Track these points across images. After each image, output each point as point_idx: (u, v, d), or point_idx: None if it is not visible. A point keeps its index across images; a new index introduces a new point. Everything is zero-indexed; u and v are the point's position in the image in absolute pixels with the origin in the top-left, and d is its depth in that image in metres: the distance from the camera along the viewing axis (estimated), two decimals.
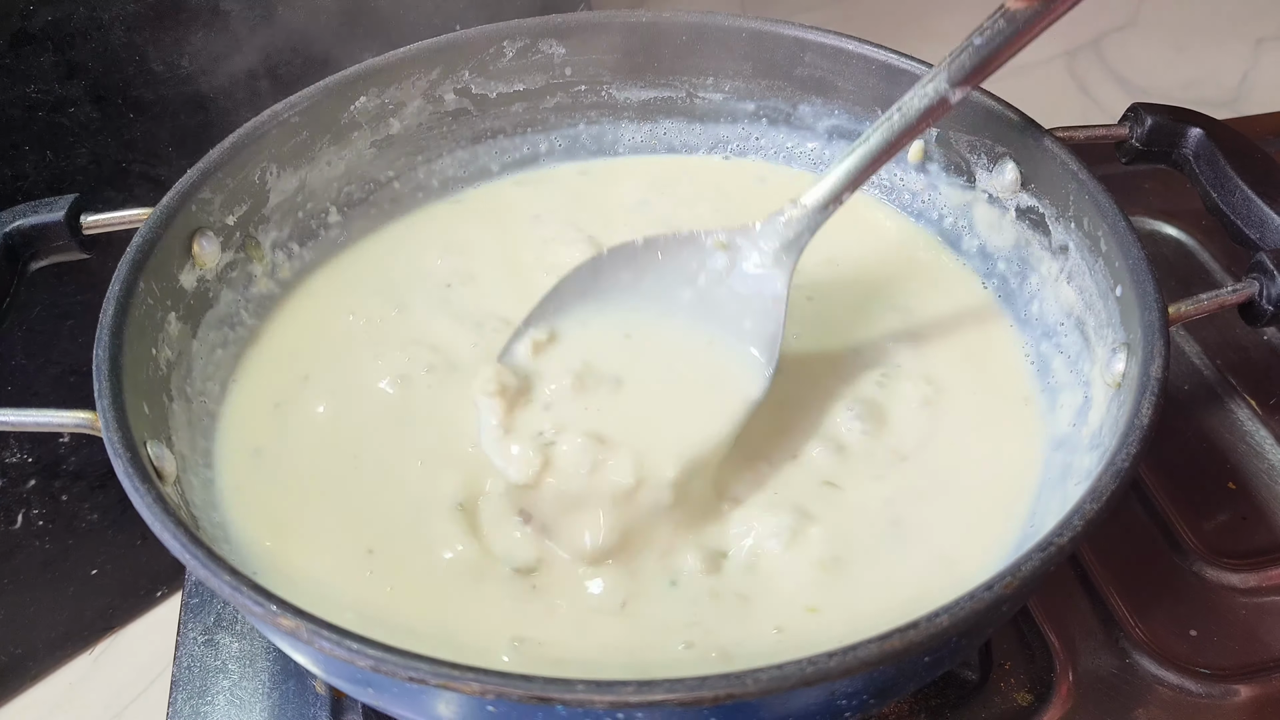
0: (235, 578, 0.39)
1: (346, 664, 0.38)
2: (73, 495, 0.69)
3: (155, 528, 0.41)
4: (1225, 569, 0.63)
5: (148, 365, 0.51)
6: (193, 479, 0.51)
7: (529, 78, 0.70)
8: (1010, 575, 0.39)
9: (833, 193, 0.54)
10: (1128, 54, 1.11)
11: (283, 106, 0.61)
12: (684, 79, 0.71)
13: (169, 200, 0.55)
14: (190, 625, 0.59)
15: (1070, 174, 0.57)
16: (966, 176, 0.66)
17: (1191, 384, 0.73)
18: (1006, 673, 0.57)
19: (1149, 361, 0.47)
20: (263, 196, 0.62)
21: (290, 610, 0.38)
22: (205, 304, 0.58)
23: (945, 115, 0.53)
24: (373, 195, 0.68)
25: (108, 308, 0.49)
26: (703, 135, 0.73)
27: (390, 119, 0.67)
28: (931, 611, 0.38)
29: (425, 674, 0.37)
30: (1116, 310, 0.53)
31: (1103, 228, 0.55)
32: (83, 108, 0.66)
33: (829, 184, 0.55)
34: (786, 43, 0.68)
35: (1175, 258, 0.82)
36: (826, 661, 0.36)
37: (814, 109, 0.70)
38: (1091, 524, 0.41)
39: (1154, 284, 0.51)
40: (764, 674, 0.36)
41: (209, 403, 0.56)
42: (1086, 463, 0.51)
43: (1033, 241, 0.62)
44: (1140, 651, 0.59)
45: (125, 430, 0.45)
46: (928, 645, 0.37)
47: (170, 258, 0.55)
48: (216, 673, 0.57)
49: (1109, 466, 0.43)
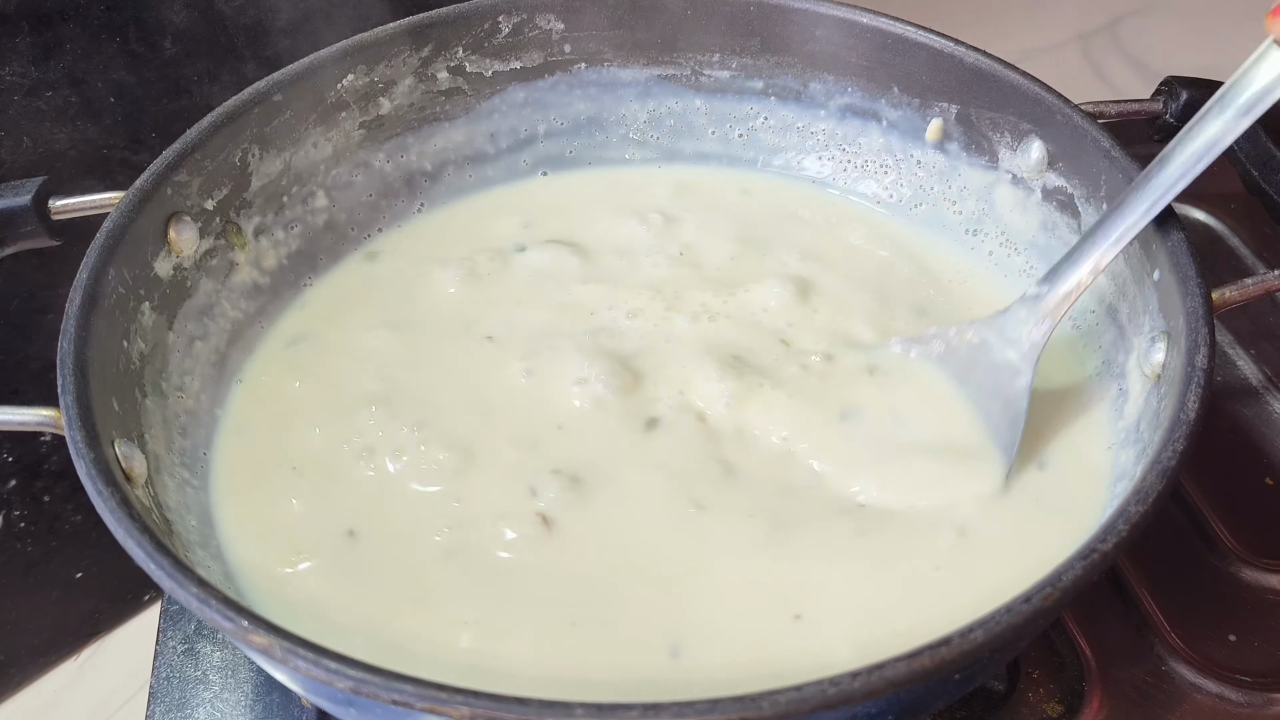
0: (203, 589, 0.36)
1: (325, 685, 0.35)
2: (55, 496, 0.67)
3: (118, 533, 0.38)
4: (1265, 570, 0.60)
5: (118, 359, 0.49)
6: (167, 480, 0.48)
7: (526, 55, 0.67)
8: (1050, 586, 0.35)
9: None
10: (1144, 37, 1.09)
11: (265, 84, 0.58)
12: (689, 55, 0.68)
13: (142, 183, 0.52)
14: (169, 633, 0.56)
15: (1102, 151, 0.54)
16: (989, 156, 0.62)
17: (1225, 375, 0.70)
18: (1035, 682, 0.55)
19: (1193, 351, 0.44)
20: (244, 180, 0.59)
21: (263, 626, 0.35)
22: (182, 294, 0.55)
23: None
24: (362, 178, 0.65)
25: (74, 297, 0.46)
26: (708, 115, 0.70)
27: (380, 98, 0.64)
28: (965, 626, 0.34)
29: (410, 696, 0.34)
30: (1154, 296, 0.50)
31: None
32: (60, 91, 0.63)
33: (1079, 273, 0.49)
34: (797, 16, 0.65)
35: (1203, 243, 0.79)
36: (850, 682, 0.33)
37: (825, 86, 0.67)
38: (1137, 528, 0.37)
39: (1195, 268, 0.47)
40: (781, 696, 0.33)
41: (186, 399, 0.53)
42: (1123, 459, 0.48)
43: (1060, 224, 0.59)
44: (1176, 658, 0.56)
45: (90, 428, 0.42)
46: (960, 663, 0.34)
47: (144, 244, 0.52)
48: (197, 684, 0.54)
49: (1154, 464, 0.40)
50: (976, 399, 0.52)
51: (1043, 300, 0.50)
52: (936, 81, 0.63)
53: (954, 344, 0.53)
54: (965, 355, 0.52)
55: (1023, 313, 0.51)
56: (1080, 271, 0.49)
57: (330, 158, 0.63)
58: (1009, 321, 0.51)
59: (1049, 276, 0.50)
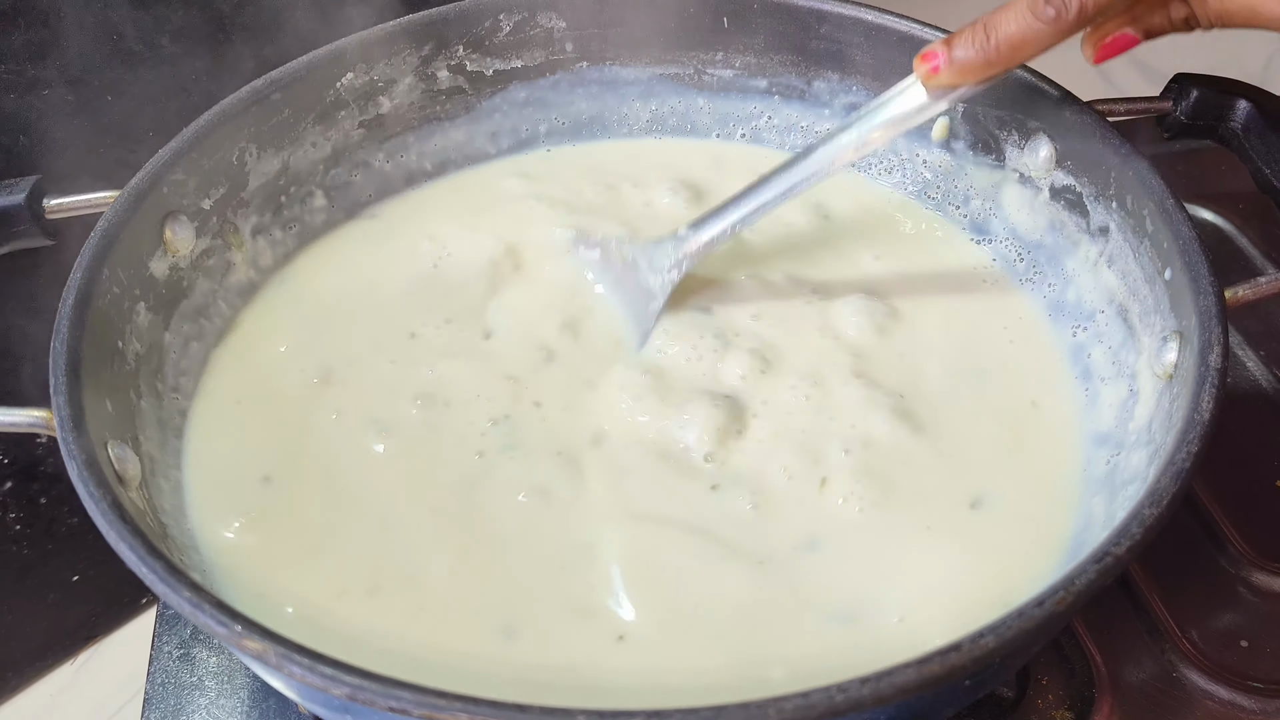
0: (196, 593, 0.36)
1: (321, 691, 0.34)
2: (51, 498, 0.67)
3: (110, 536, 0.38)
4: (1277, 574, 0.59)
5: (113, 359, 0.48)
6: (162, 483, 0.47)
7: (528, 54, 0.66)
8: (1063, 590, 0.35)
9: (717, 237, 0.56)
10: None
11: (263, 83, 0.58)
12: (692, 54, 0.67)
13: (138, 182, 0.52)
14: (165, 638, 0.55)
15: (1112, 149, 0.53)
16: (995, 155, 0.61)
17: (1235, 377, 0.69)
18: (1044, 688, 0.54)
19: (1206, 350, 0.43)
20: (242, 179, 0.58)
21: (257, 631, 0.34)
22: (179, 294, 0.55)
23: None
24: (361, 179, 0.65)
25: (68, 296, 0.46)
26: (711, 114, 0.69)
27: (380, 97, 0.63)
28: (975, 631, 0.34)
29: (408, 703, 0.33)
30: (1165, 295, 0.49)
31: (1149, 206, 0.51)
32: (56, 90, 0.63)
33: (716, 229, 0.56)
34: (801, 13, 0.64)
35: (1211, 243, 0.76)
36: (858, 689, 0.32)
37: (830, 85, 0.66)
38: (1151, 531, 0.37)
39: (1208, 266, 0.47)
40: (788, 703, 0.32)
41: (181, 401, 0.53)
42: (1134, 461, 0.47)
43: (1069, 223, 0.58)
44: (1188, 664, 0.55)
45: (82, 429, 0.41)
46: (971, 669, 0.33)
47: (139, 243, 0.51)
48: (192, 690, 0.53)
49: (1168, 466, 0.39)
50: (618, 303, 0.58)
51: (685, 243, 0.56)
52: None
53: (611, 255, 0.59)
54: (618, 268, 0.58)
55: (669, 247, 0.57)
56: (715, 229, 0.56)
57: (329, 157, 0.63)
58: (658, 252, 0.57)
59: (695, 224, 0.56)
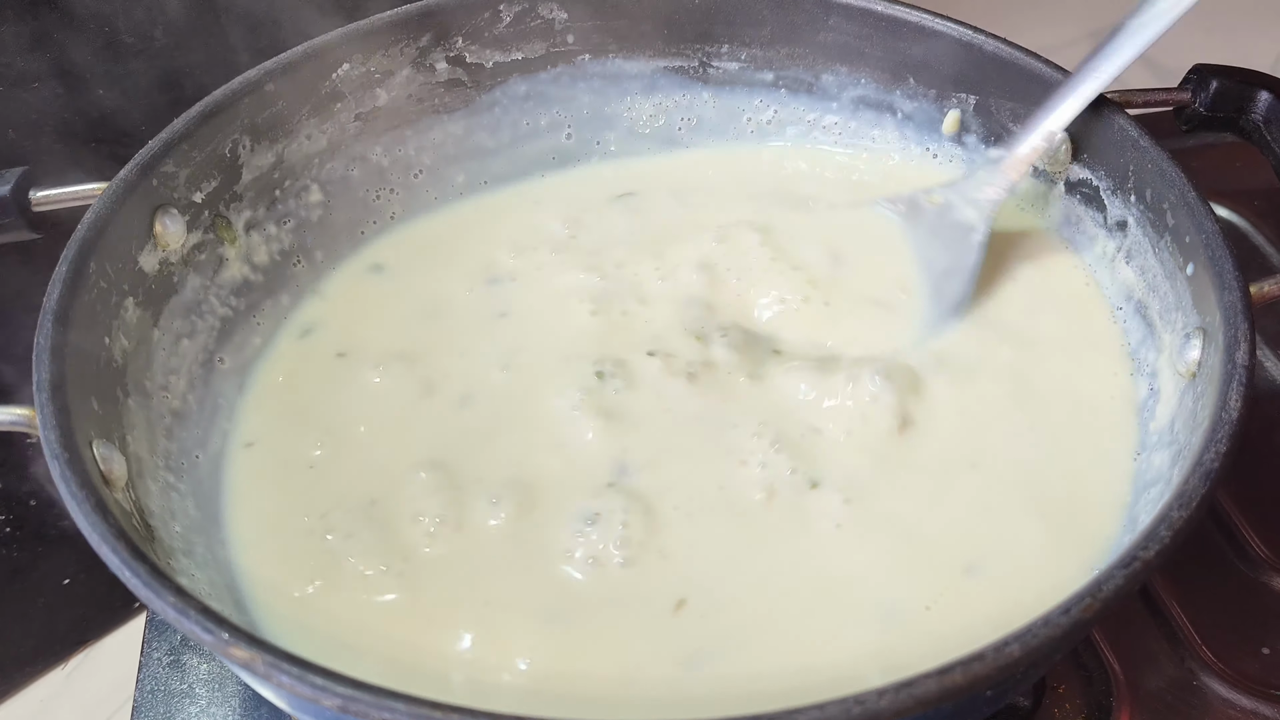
0: (181, 598, 0.34)
1: (311, 702, 0.32)
2: (41, 500, 0.66)
3: (92, 538, 0.36)
4: None
5: (99, 356, 0.46)
6: (150, 484, 0.46)
7: (528, 45, 0.65)
8: (1089, 597, 0.33)
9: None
10: None
11: (256, 73, 0.56)
12: (697, 47, 0.66)
13: (126, 174, 0.50)
14: (154, 644, 0.54)
15: (1130, 141, 0.52)
16: (1009, 149, 0.60)
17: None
18: (1061, 697, 0.52)
19: (1232, 347, 0.42)
20: (235, 172, 0.57)
21: (244, 638, 0.33)
22: (168, 289, 0.53)
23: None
24: (357, 172, 0.63)
25: (52, 290, 0.44)
26: (716, 108, 0.67)
27: (376, 89, 0.62)
28: (1000, 640, 0.32)
29: (402, 715, 0.31)
30: (1187, 291, 0.48)
31: (1169, 200, 0.50)
32: (48, 83, 0.62)
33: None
34: (808, 4, 0.62)
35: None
36: (876, 700, 0.31)
37: (838, 78, 0.65)
38: (1180, 535, 0.35)
39: (1232, 260, 0.45)
40: (803, 714, 0.30)
41: (172, 399, 0.51)
42: (1157, 462, 0.46)
43: (1085, 218, 0.57)
44: (1208, 672, 0.54)
45: (65, 428, 0.40)
46: (994, 678, 0.32)
47: (128, 237, 0.50)
48: (182, 697, 0.52)
49: (1196, 467, 0.37)
50: (927, 257, 0.57)
51: (1001, 163, 0.56)
52: (955, 71, 0.61)
53: (920, 205, 0.58)
54: (931, 216, 0.58)
55: (983, 174, 0.57)
56: (1034, 138, 0.55)
57: (325, 150, 0.61)
58: (970, 184, 0.57)
59: (1007, 142, 0.57)
